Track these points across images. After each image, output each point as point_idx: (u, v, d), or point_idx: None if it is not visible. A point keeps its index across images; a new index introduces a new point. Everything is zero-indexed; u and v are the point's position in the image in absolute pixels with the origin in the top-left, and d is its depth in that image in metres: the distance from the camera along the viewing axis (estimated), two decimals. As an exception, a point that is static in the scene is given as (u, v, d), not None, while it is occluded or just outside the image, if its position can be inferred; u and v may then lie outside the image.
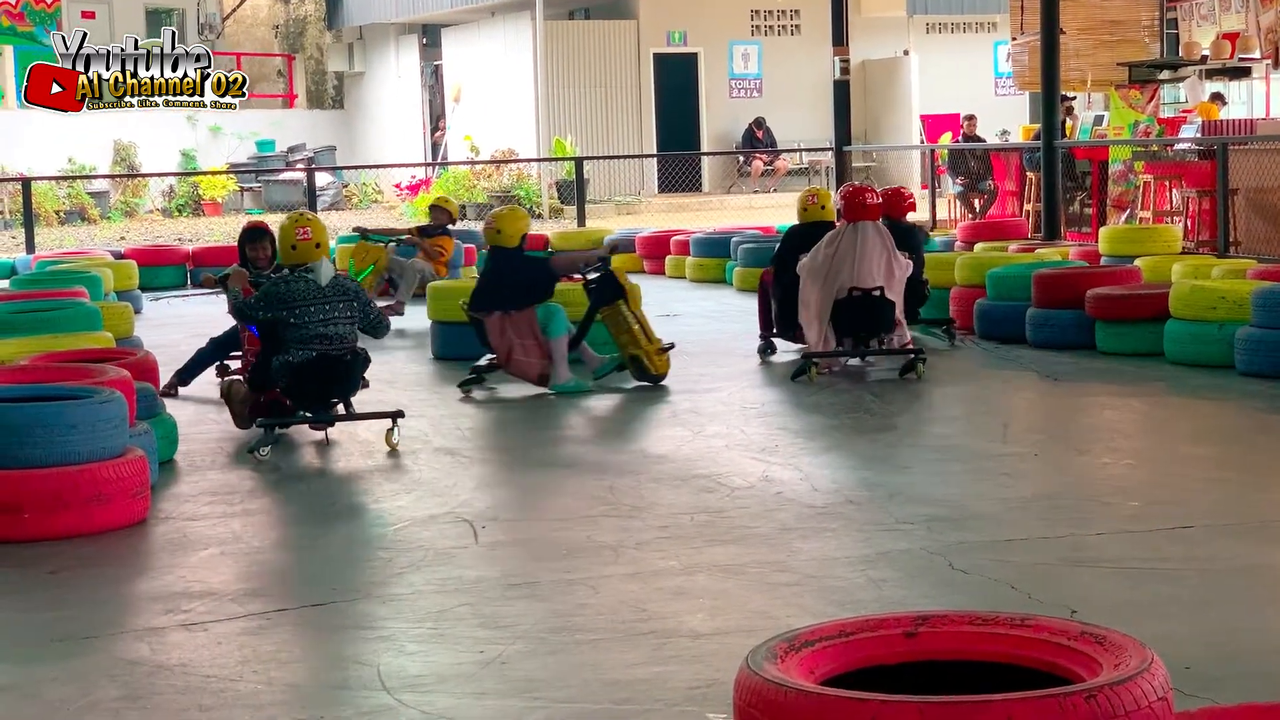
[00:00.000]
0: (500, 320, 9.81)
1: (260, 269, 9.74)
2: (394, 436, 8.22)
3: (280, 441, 8.40)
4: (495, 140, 28.85)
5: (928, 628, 3.26)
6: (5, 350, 8.62)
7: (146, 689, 4.66)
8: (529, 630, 5.14)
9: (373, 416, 8.56)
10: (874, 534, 6.34)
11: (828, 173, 26.75)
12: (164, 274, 18.62)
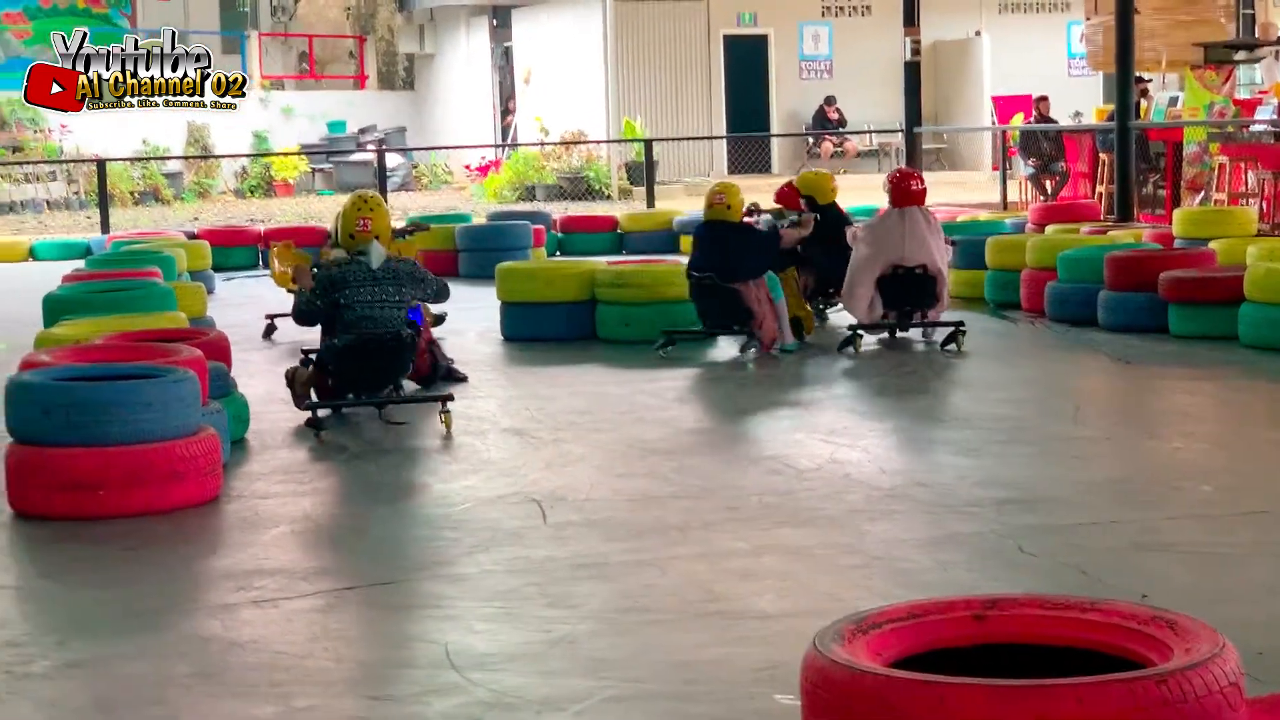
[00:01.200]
0: (754, 289, 10.35)
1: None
2: (448, 419, 8.27)
3: (338, 424, 8.46)
4: (565, 121, 28.87)
5: (997, 611, 3.24)
6: (81, 330, 8.71)
7: (219, 665, 4.71)
8: (597, 610, 5.16)
9: (421, 400, 8.61)
10: (942, 516, 6.31)
11: (898, 154, 26.63)
12: (236, 254, 18.76)
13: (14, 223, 25.30)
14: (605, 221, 20.17)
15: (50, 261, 19.49)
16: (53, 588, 5.82)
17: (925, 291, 10.68)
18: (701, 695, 4.37)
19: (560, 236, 19.72)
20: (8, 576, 5.99)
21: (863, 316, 10.69)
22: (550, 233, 19.33)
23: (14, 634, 5.08)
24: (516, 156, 28.14)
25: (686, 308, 11.26)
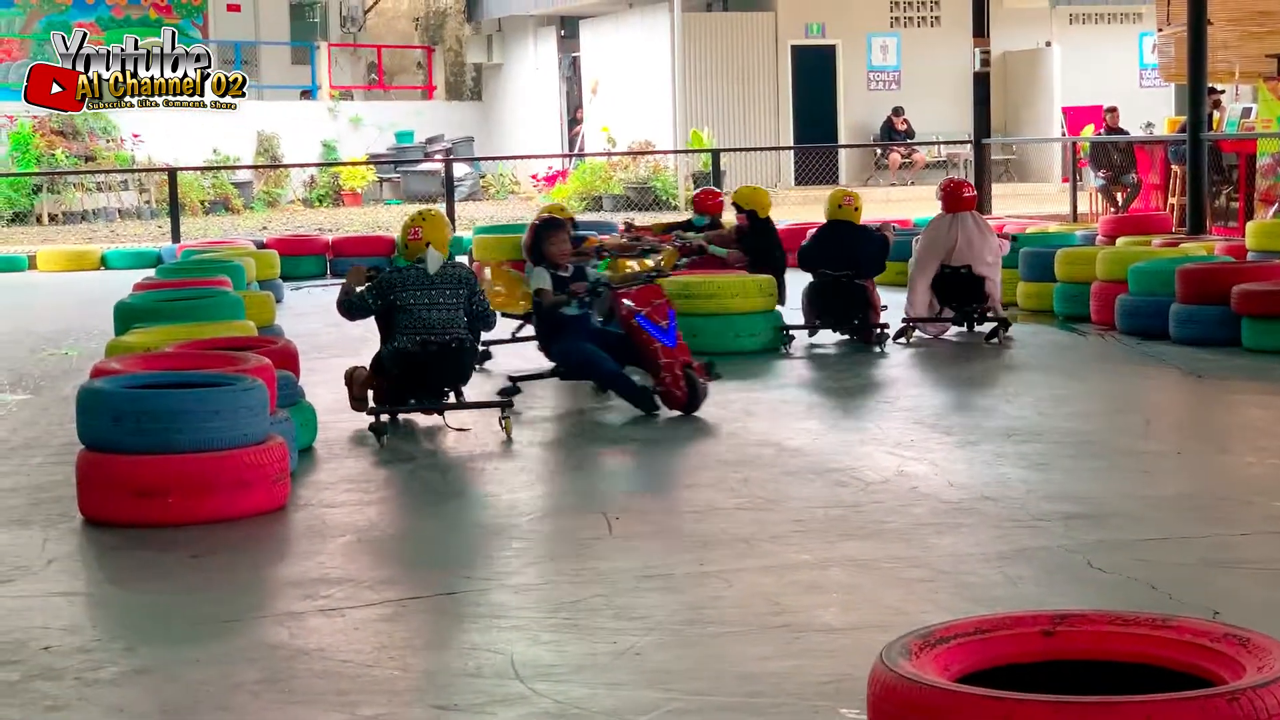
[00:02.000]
0: (873, 286, 11.49)
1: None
2: (509, 424, 8.30)
3: (398, 430, 8.49)
4: (632, 131, 28.91)
5: (1066, 627, 3.21)
6: (151, 337, 8.79)
7: (286, 673, 4.73)
8: (662, 621, 5.15)
9: (482, 405, 8.63)
10: (1010, 530, 6.27)
11: (966, 165, 26.49)
12: (305, 263, 18.90)
13: (86, 231, 25.57)
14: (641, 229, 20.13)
15: (122, 270, 19.71)
16: (122, 594, 5.87)
17: (973, 290, 11.67)
18: (767, 708, 4.36)
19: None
20: (77, 582, 6.04)
21: (919, 311, 11.77)
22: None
23: (83, 640, 5.12)
24: (583, 166, 28.20)
25: (751, 320, 11.28)
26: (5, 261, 21.47)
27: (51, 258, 21.41)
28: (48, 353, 12.61)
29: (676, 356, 8.82)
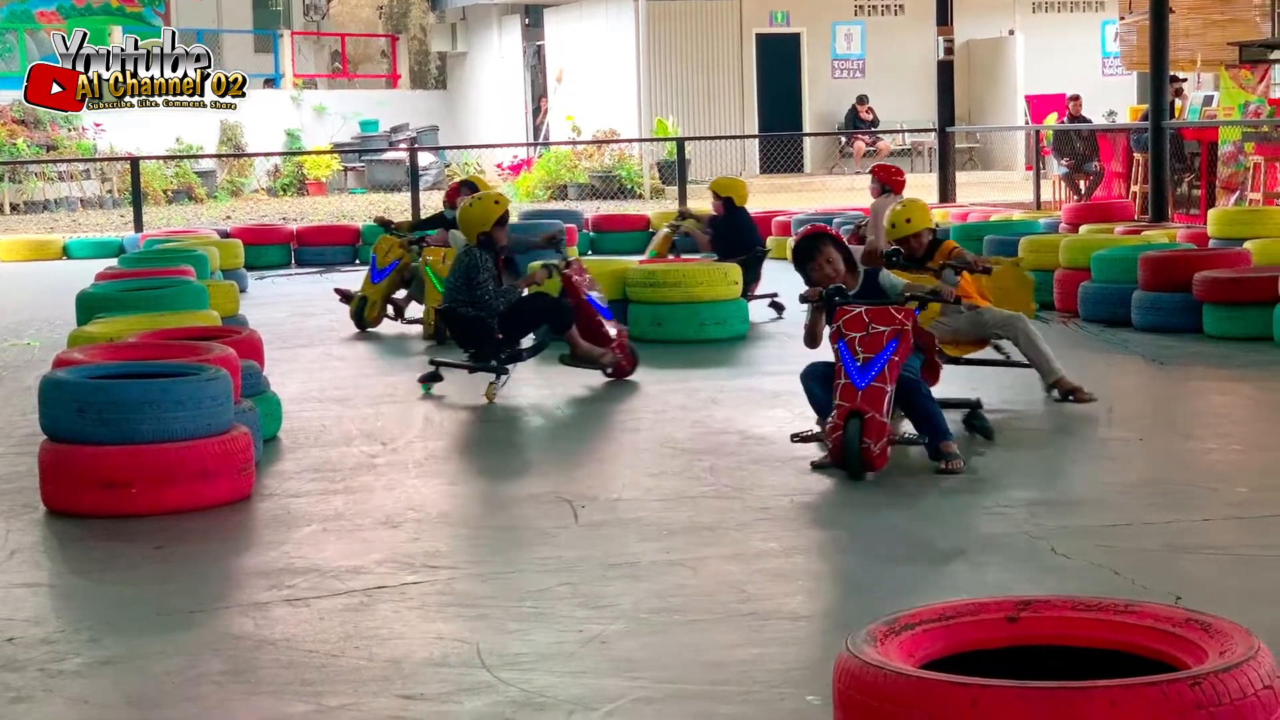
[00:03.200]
0: None
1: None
2: (494, 390, 8.98)
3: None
4: (597, 120, 28.89)
5: (1030, 613, 3.23)
6: (113, 327, 8.75)
7: (250, 663, 4.72)
8: (629, 610, 5.15)
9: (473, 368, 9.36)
10: (975, 517, 6.29)
11: (930, 154, 26.56)
12: (269, 253, 18.85)
13: (48, 221, 25.43)
14: (637, 220, 20.20)
15: (84, 260, 19.61)
16: (86, 585, 5.84)
17: None
18: (733, 696, 4.37)
19: (592, 235, 19.75)
20: (41, 574, 6.01)
21: None
22: (582, 231, 19.35)
23: (47, 631, 5.10)
24: (549, 155, 28.17)
25: (716, 307, 11.32)
26: (-35, 252, 21.34)
27: (12, 247, 21.28)
28: (9, 343, 12.54)
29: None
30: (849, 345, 6.93)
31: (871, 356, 6.87)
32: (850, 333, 6.95)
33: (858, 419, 6.75)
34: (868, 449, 6.73)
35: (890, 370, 6.87)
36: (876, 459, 6.77)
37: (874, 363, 6.87)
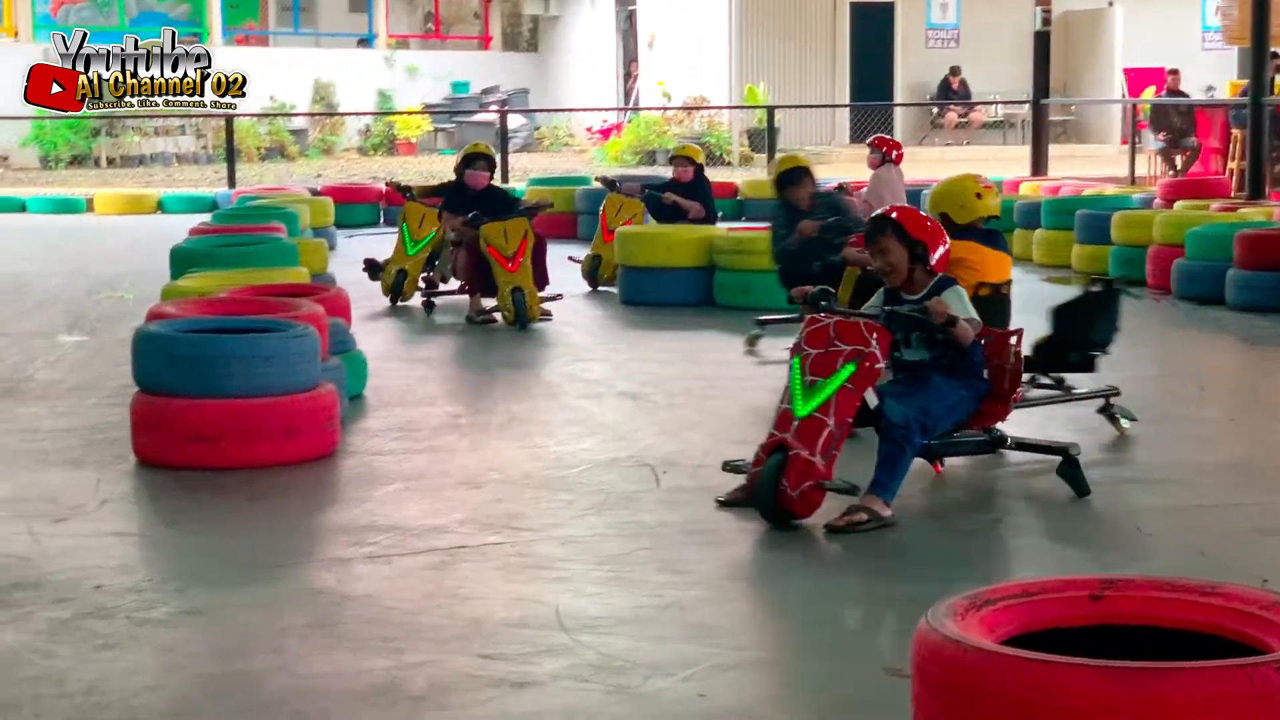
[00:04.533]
0: None
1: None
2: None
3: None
4: (687, 86, 28.79)
5: (1114, 591, 3.19)
6: (205, 283, 8.84)
7: (333, 618, 4.77)
8: (707, 576, 5.15)
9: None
10: (1060, 494, 6.24)
11: (1024, 126, 26.28)
12: (358, 211, 18.96)
13: (144, 175, 25.71)
14: (726, 188, 20.11)
15: (178, 215, 19.82)
16: (174, 535, 5.92)
17: None
18: (809, 665, 4.36)
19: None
20: (131, 523, 6.10)
21: None
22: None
23: (135, 580, 5.17)
24: (638, 120, 28.12)
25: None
26: (64, 204, 21.64)
27: (109, 201, 21.56)
28: (105, 295, 12.71)
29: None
30: (802, 363, 5.77)
31: (819, 381, 5.66)
32: (809, 349, 5.78)
33: (781, 455, 5.60)
34: (783, 492, 5.56)
35: (840, 402, 5.61)
36: (794, 504, 5.57)
37: (819, 389, 5.65)
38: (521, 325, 10.33)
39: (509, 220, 10.57)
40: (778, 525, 5.59)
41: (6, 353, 9.83)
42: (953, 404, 5.86)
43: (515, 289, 10.35)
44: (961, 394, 5.88)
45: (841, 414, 5.61)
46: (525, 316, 10.32)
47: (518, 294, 10.33)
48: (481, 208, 10.74)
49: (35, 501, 6.16)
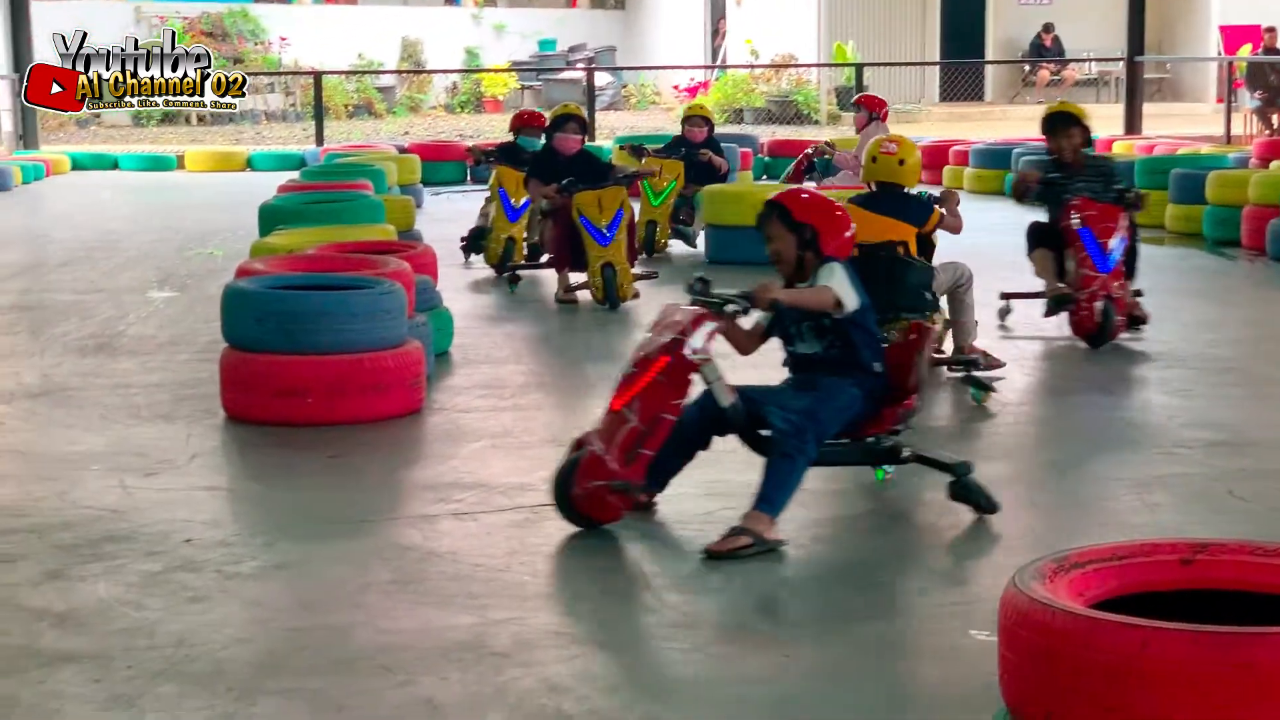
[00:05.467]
0: None
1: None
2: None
3: None
4: (775, 44, 28.62)
5: (1205, 555, 3.15)
6: (294, 240, 8.89)
7: (418, 574, 4.79)
8: (793, 536, 5.13)
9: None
10: (1150, 457, 6.17)
11: (1117, 84, 25.93)
12: (445, 169, 19.01)
13: (233, 133, 25.91)
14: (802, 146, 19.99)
15: (266, 172, 19.98)
16: (262, 490, 5.97)
17: None
18: (895, 627, 4.34)
19: (767, 160, 19.60)
20: (219, 478, 6.16)
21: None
22: (757, 156, 19.22)
23: (225, 534, 5.22)
24: (725, 78, 27.99)
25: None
26: (155, 161, 21.88)
27: (199, 158, 21.77)
28: (194, 252, 12.83)
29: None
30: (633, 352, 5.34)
31: (633, 373, 5.22)
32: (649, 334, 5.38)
33: (579, 453, 5.18)
34: (573, 492, 5.14)
35: (648, 397, 5.11)
36: (581, 503, 5.13)
37: (630, 382, 5.21)
38: (612, 304, 9.61)
39: (604, 189, 9.80)
40: (582, 527, 5.13)
41: (100, 308, 9.95)
42: (842, 405, 5.20)
43: (606, 264, 9.62)
44: (851, 392, 5.22)
45: (649, 410, 5.07)
46: (616, 295, 9.61)
47: (609, 270, 9.62)
48: (573, 174, 9.97)
49: (127, 455, 6.24)
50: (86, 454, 6.29)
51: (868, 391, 5.24)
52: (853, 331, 5.22)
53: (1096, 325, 8.04)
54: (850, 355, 5.24)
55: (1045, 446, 6.33)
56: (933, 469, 5.37)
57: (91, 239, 13.80)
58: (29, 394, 7.46)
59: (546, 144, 10.53)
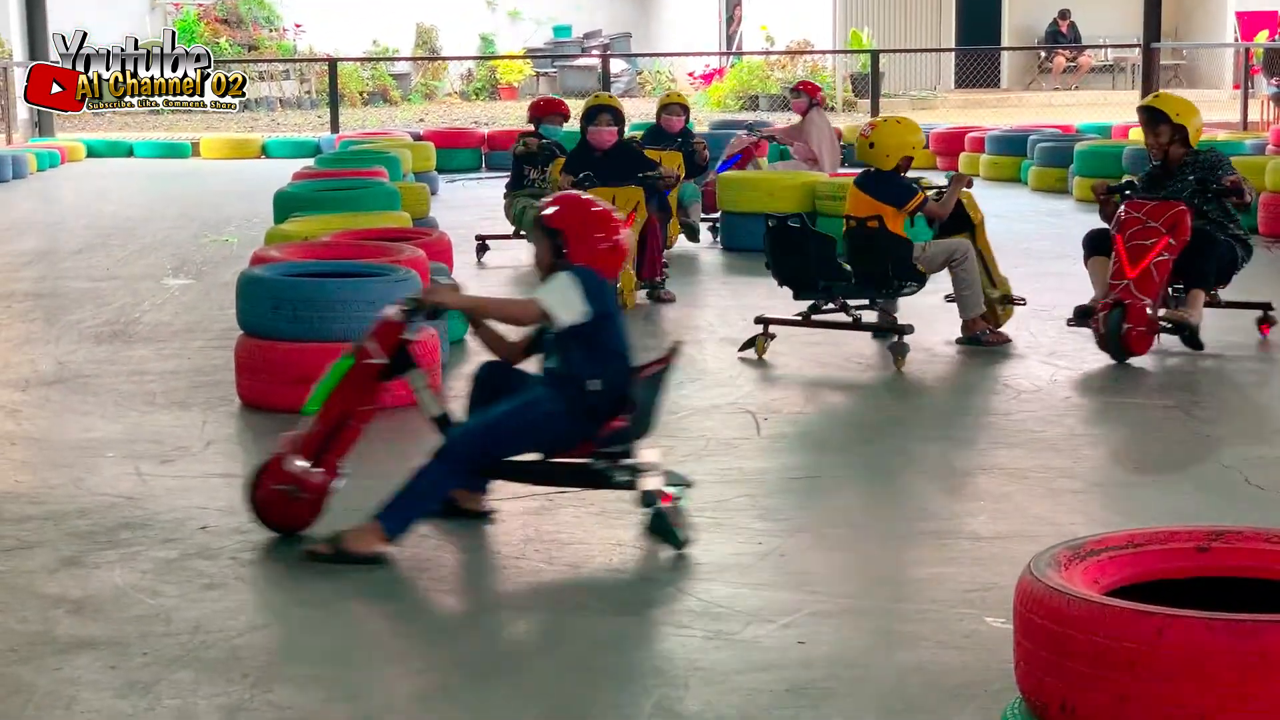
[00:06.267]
0: None
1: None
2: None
3: None
4: (791, 31, 28.56)
5: (1221, 543, 3.15)
6: (309, 227, 8.90)
7: (433, 560, 4.80)
8: (807, 524, 5.14)
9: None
10: (1167, 445, 6.15)
11: (1134, 70, 25.85)
12: (460, 156, 19.03)
13: (248, 120, 25.93)
14: (830, 133, 19.95)
15: (281, 159, 20.00)
16: (277, 478, 5.96)
17: None
18: (910, 614, 4.34)
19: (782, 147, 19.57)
20: (235, 465, 6.16)
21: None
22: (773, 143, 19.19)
23: (240, 521, 5.22)
24: (741, 65, 27.95)
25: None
26: (170, 148, 21.92)
27: (214, 145, 21.80)
28: (210, 239, 12.85)
29: None
30: None
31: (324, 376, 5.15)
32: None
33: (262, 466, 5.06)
34: (257, 494, 5.02)
35: (333, 400, 5.04)
36: (264, 509, 5.01)
37: (323, 383, 5.09)
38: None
39: (621, 187, 9.13)
40: (276, 532, 4.97)
41: (115, 295, 9.97)
42: (532, 420, 4.86)
43: None
44: (548, 409, 4.86)
45: (332, 412, 4.97)
46: None
47: None
48: (608, 169, 9.41)
49: (143, 443, 6.25)
50: (102, 441, 6.31)
51: (576, 409, 4.85)
52: (572, 345, 4.88)
53: (1101, 336, 7.49)
54: (566, 369, 4.91)
55: (1060, 432, 6.32)
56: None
57: (107, 226, 13.83)
58: (44, 381, 7.48)
59: (581, 138, 9.85)
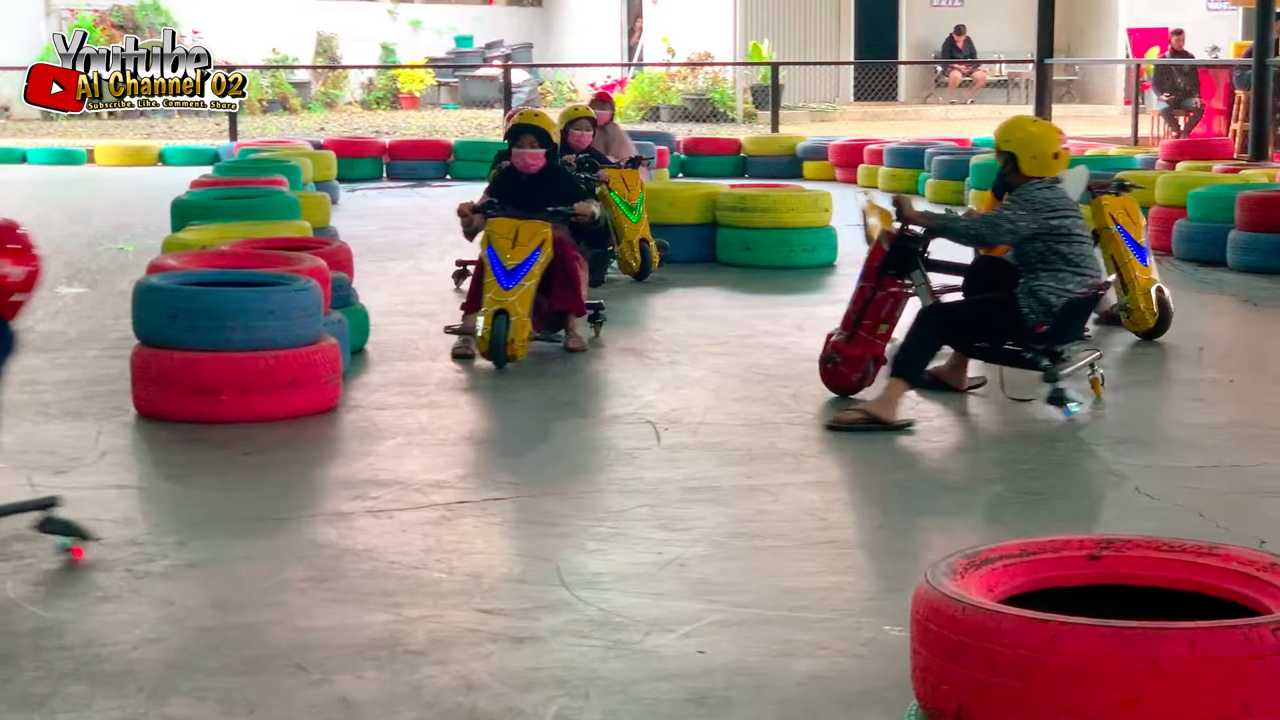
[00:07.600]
0: None
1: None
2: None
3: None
4: (692, 43, 28.69)
5: (1112, 551, 3.21)
6: (207, 235, 8.83)
7: (334, 572, 4.78)
8: (708, 534, 5.17)
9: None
10: (1060, 454, 6.25)
11: (1027, 85, 26.19)
12: (361, 165, 18.92)
13: (144, 127, 25.65)
14: (729, 144, 20.08)
15: (179, 167, 19.79)
16: (173, 489, 5.93)
17: None
18: (810, 622, 4.37)
19: (683, 158, 19.67)
20: (130, 476, 6.11)
21: None
22: (673, 154, 19.28)
23: (136, 533, 5.18)
24: (642, 76, 28.03)
25: (805, 234, 11.28)
26: (65, 155, 21.61)
27: (110, 152, 21.52)
28: (105, 247, 12.70)
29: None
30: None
31: None
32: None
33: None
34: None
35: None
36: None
37: None
38: (497, 364, 7.74)
39: (527, 219, 7.94)
40: None
41: (8, 304, 9.81)
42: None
43: (500, 312, 7.69)
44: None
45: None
46: (502, 352, 7.67)
47: (500, 319, 7.69)
48: (525, 196, 8.21)
49: (35, 453, 6.17)
50: (-5, 452, 6.22)
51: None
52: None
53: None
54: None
55: (955, 442, 6.39)
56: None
57: None
58: (-64, 391, 7.36)
59: (508, 163, 8.66)
